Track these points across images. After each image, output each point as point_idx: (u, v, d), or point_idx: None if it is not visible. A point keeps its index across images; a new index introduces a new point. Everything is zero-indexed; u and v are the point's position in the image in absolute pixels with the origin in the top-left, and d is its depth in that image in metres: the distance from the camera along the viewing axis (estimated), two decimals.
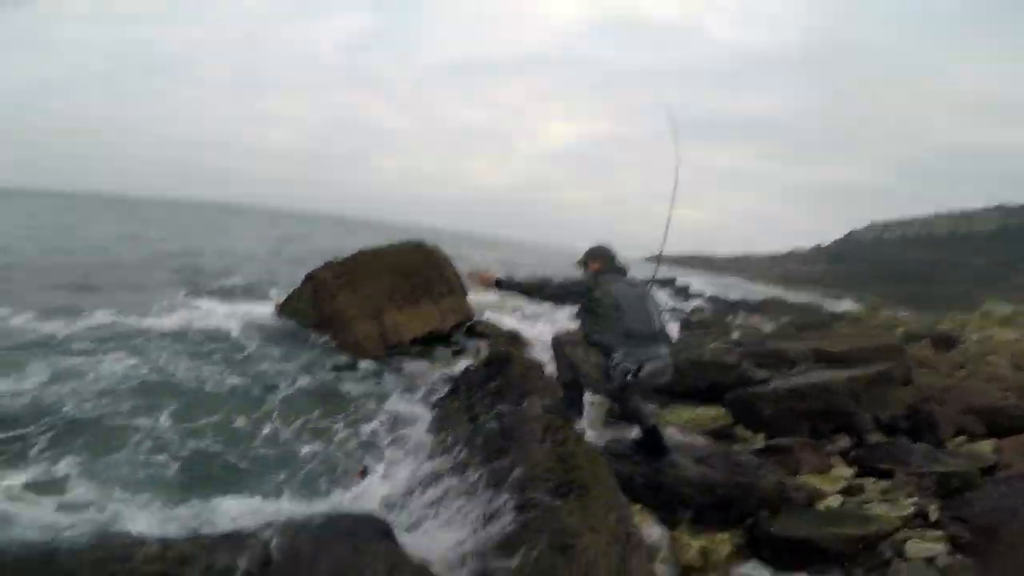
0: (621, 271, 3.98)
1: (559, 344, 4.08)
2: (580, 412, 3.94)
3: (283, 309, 7.90)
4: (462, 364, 7.12)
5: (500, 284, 3.95)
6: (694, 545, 3.29)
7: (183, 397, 5.15)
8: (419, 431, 4.91)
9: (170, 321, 7.26)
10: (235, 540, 2.21)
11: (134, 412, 4.70)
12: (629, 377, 3.68)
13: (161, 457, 4.14)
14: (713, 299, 26.44)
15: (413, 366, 6.79)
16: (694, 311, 18.98)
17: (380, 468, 4.25)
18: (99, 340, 6.21)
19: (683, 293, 28.10)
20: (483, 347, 7.81)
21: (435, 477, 3.77)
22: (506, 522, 2.80)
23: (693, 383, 6.39)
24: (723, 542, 3.35)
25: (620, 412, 5.61)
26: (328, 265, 7.36)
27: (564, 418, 3.57)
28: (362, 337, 6.57)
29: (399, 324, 6.80)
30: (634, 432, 4.56)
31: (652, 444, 3.88)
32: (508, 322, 9.90)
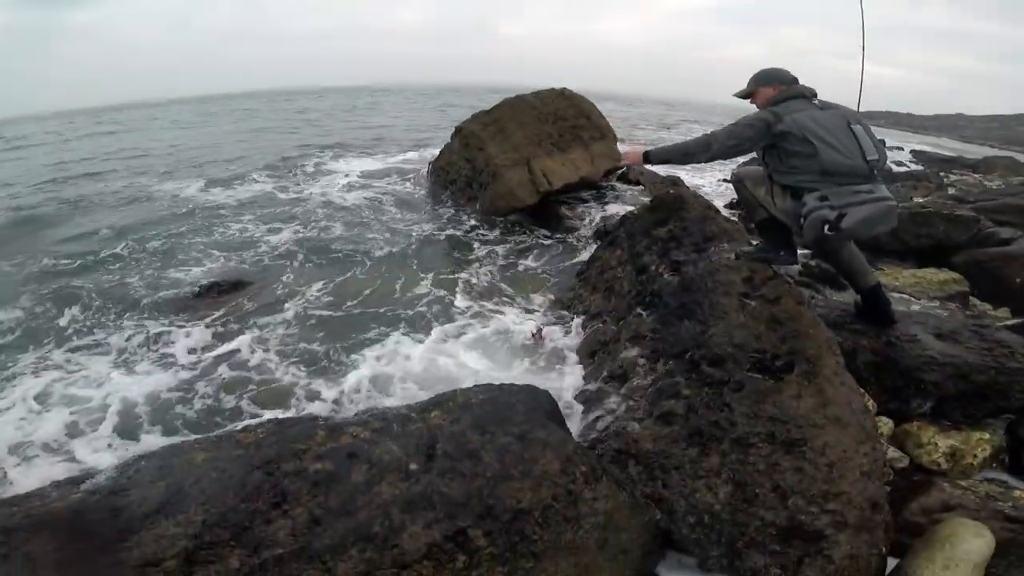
0: (807, 96, 2.80)
1: (740, 180, 3.14)
2: (794, 259, 3.05)
3: (435, 165, 7.86)
4: (619, 211, 6.57)
5: (648, 158, 2.97)
6: (941, 444, 2.58)
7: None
8: (577, 287, 4.54)
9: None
10: (398, 429, 1.97)
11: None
12: (827, 229, 2.69)
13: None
14: (917, 153, 21.85)
15: (567, 213, 6.38)
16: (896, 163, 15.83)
17: (546, 329, 3.90)
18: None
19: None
20: (640, 194, 7.12)
21: (601, 344, 3.33)
22: (695, 404, 2.26)
23: (912, 240, 5.17)
24: (982, 443, 2.58)
25: (819, 271, 4.72)
26: (475, 116, 7.06)
27: (772, 265, 2.84)
28: (515, 185, 6.23)
29: (550, 171, 6.29)
30: (841, 299, 3.69)
31: (875, 310, 3.01)
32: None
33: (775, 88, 2.84)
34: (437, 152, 8.06)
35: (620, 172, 7.93)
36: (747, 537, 1.78)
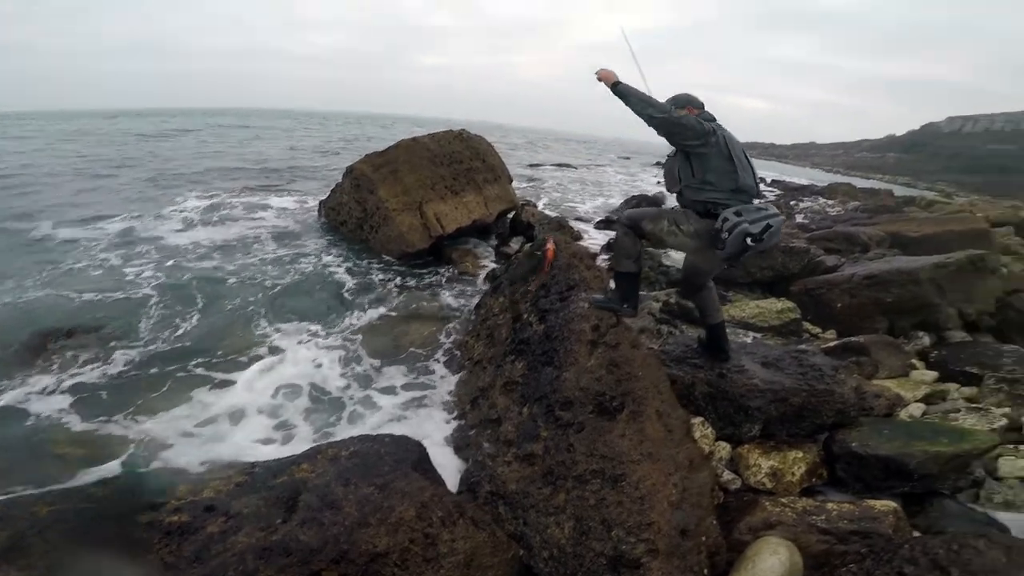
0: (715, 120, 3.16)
1: (631, 222, 3.28)
2: (635, 308, 3.34)
3: (326, 205, 7.77)
4: (508, 253, 6.90)
5: (618, 85, 3.06)
6: (763, 465, 2.91)
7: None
8: (462, 332, 4.74)
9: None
10: (262, 482, 2.06)
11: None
12: (750, 241, 2.98)
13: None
14: (776, 182, 24.88)
15: (458, 258, 6.56)
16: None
17: (433, 369, 4.07)
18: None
19: None
20: (536, 234, 7.50)
21: (480, 391, 3.51)
22: (549, 446, 2.51)
23: (757, 272, 5.95)
24: (797, 461, 2.92)
25: (677, 308, 5.29)
26: (367, 157, 7.00)
27: (616, 315, 3.15)
28: (406, 229, 6.32)
29: (443, 215, 6.47)
30: (694, 331, 4.18)
31: (716, 345, 3.44)
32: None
33: (691, 111, 3.09)
34: (329, 190, 7.99)
35: (513, 214, 8.25)
36: (585, 568, 2.01)
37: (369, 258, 6.48)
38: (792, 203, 15.62)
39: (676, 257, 7.34)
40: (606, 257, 6.72)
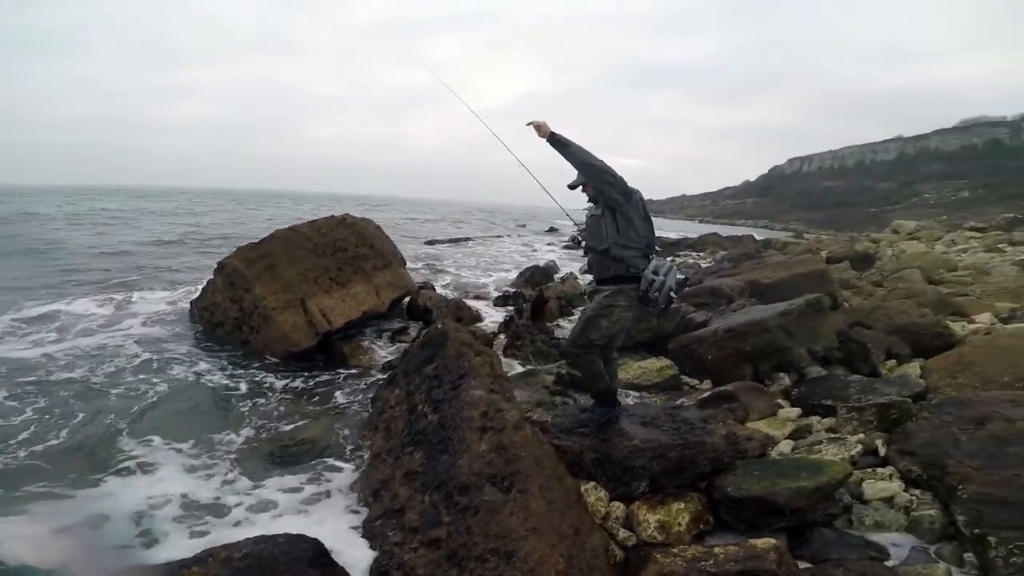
0: None
1: (580, 350, 3.52)
2: (618, 404, 3.74)
3: (198, 305, 7.25)
4: (406, 342, 6.83)
5: (555, 136, 3.29)
6: (651, 519, 3.09)
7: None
8: (358, 428, 4.63)
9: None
10: None
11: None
12: (673, 294, 3.33)
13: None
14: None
15: (350, 353, 6.38)
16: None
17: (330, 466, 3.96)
18: None
19: None
20: (433, 318, 7.49)
21: (381, 483, 3.47)
22: (451, 531, 2.62)
23: (638, 335, 6.35)
24: (680, 512, 3.13)
25: (569, 378, 5.50)
26: (240, 251, 6.67)
27: (501, 404, 3.29)
28: (289, 329, 6.06)
29: (329, 309, 6.30)
30: (584, 401, 4.40)
31: (614, 401, 3.70)
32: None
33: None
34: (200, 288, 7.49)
35: (409, 300, 8.23)
36: None
37: (250, 360, 6.12)
38: (668, 258, 17.06)
39: (567, 327, 7.69)
40: (504, 337, 6.88)
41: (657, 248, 3.58)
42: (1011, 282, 10.48)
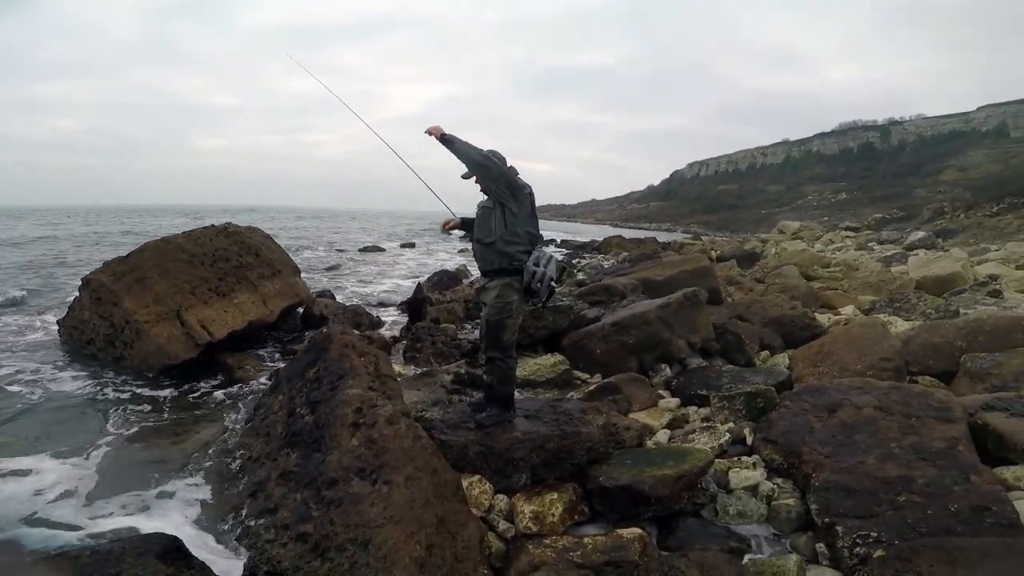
0: None
1: (500, 353, 3.60)
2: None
3: (65, 324, 6.59)
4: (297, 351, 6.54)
5: (445, 136, 3.42)
6: (526, 510, 3.14)
7: None
8: (245, 435, 4.42)
9: None
10: None
11: None
12: (553, 284, 3.43)
13: None
14: (564, 243, 27.99)
15: (235, 364, 6.02)
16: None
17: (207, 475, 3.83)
18: None
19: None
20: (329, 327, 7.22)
21: (257, 485, 3.41)
22: (318, 524, 2.65)
23: (535, 332, 6.45)
24: (553, 502, 3.18)
25: (467, 376, 5.50)
26: (107, 266, 6.20)
27: (378, 400, 3.28)
28: (164, 342, 5.63)
29: (210, 320, 5.92)
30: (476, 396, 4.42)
31: (501, 415, 3.69)
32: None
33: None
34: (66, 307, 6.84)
35: (304, 310, 7.90)
36: None
37: (124, 376, 5.70)
38: (575, 261, 17.65)
39: (471, 329, 7.72)
40: (405, 342, 6.78)
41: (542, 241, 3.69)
42: (874, 277, 11.64)
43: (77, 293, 6.53)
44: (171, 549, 2.46)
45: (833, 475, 3.15)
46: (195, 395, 5.44)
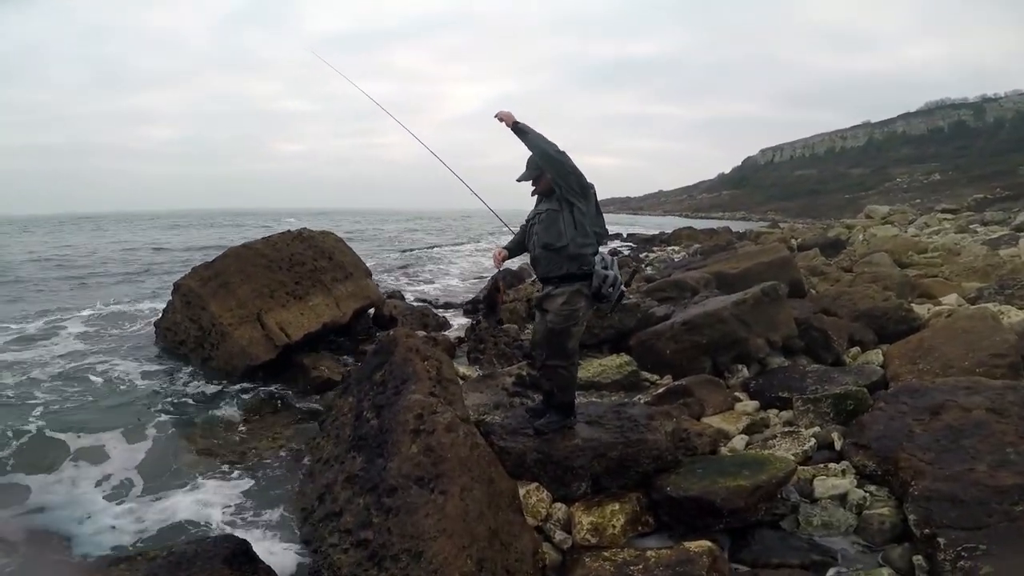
0: None
1: (562, 360, 3.48)
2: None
3: (160, 326, 7.18)
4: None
5: (517, 124, 3.32)
6: (584, 521, 3.04)
7: None
8: (317, 436, 4.61)
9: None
10: None
11: None
12: (623, 287, 3.38)
13: None
14: (631, 236, 27.36)
15: (311, 364, 6.29)
16: (612, 252, 19.59)
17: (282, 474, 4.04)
18: None
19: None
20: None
21: (326, 487, 3.50)
22: (378, 531, 2.67)
23: (600, 332, 6.29)
24: (615, 513, 3.05)
25: (529, 379, 5.44)
26: (194, 271, 6.64)
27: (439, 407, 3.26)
28: (247, 343, 5.97)
29: (287, 323, 6.20)
30: (533, 401, 4.35)
31: (561, 421, 3.57)
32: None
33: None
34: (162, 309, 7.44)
35: (375, 311, 8.13)
36: None
37: (212, 376, 6.10)
38: (642, 255, 17.14)
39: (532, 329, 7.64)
40: (469, 344, 6.82)
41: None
42: (980, 262, 10.53)
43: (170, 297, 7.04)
44: (239, 553, 2.52)
45: (936, 483, 2.91)
46: (273, 396, 5.72)
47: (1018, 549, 2.41)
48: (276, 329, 6.10)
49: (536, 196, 3.55)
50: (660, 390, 4.94)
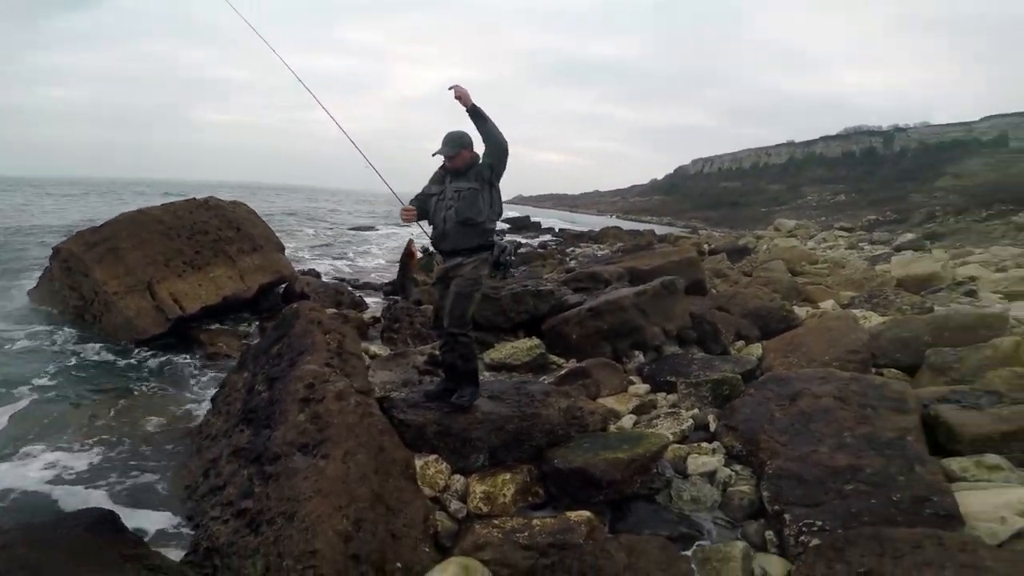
0: None
1: (460, 329, 3.55)
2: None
3: (35, 294, 6.53)
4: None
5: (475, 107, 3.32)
6: (478, 490, 3.11)
7: None
8: (208, 413, 4.40)
9: None
10: None
11: None
12: (513, 258, 3.61)
13: None
14: (562, 232, 28.12)
15: (208, 340, 5.97)
16: (542, 245, 19.96)
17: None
18: None
19: (535, 228, 30.56)
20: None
21: (211, 463, 3.44)
22: (258, 500, 2.64)
23: (515, 316, 6.42)
24: (505, 483, 3.14)
25: (440, 359, 5.48)
26: (79, 235, 6.11)
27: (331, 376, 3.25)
28: (133, 315, 5.57)
29: (182, 294, 5.85)
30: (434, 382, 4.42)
31: (475, 392, 3.66)
32: None
33: (471, 152, 3.48)
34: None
35: (285, 287, 7.82)
36: None
37: (92, 349, 5.60)
38: (568, 250, 17.62)
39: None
40: (384, 323, 6.73)
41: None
42: (858, 275, 11.74)
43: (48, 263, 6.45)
44: (103, 521, 2.43)
45: (787, 463, 3.13)
46: (165, 370, 5.38)
47: (846, 524, 2.63)
48: (169, 300, 5.74)
49: (446, 172, 3.61)
50: (562, 372, 5.13)
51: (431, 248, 3.74)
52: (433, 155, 3.55)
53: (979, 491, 2.88)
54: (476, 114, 3.33)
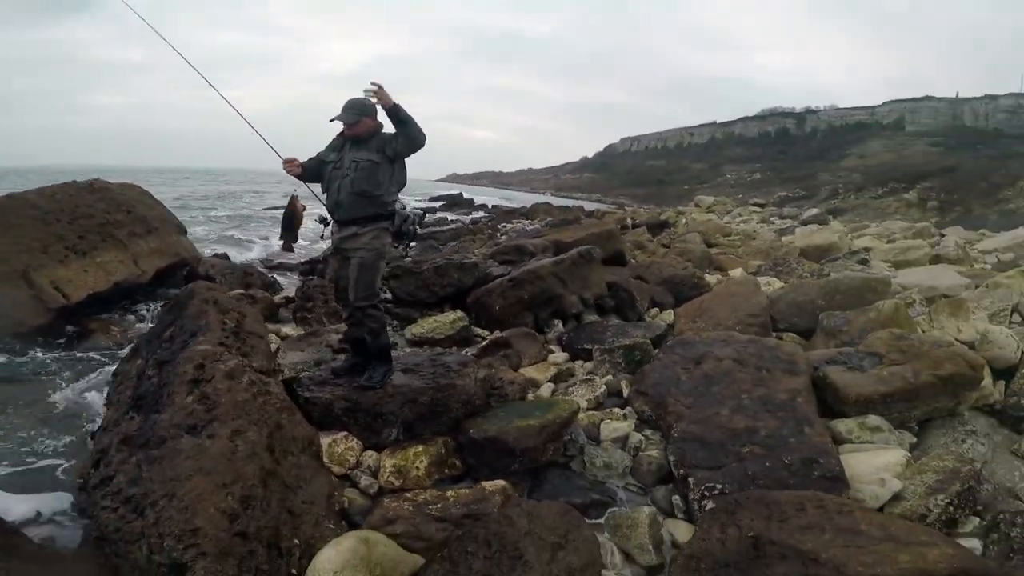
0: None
1: (367, 301, 3.44)
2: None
3: None
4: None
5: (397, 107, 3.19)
6: (388, 465, 3.05)
7: None
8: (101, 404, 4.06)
9: None
10: None
11: None
12: (417, 227, 3.64)
13: None
14: (495, 208, 28.15)
15: (98, 329, 5.49)
16: (473, 221, 19.89)
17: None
18: None
19: (468, 205, 30.47)
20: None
21: (101, 453, 3.13)
22: (145, 483, 2.51)
23: (440, 290, 6.31)
24: (417, 455, 3.09)
25: (349, 337, 5.31)
26: None
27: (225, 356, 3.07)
28: (10, 306, 5.02)
29: (64, 281, 5.30)
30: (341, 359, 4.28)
31: (389, 369, 3.56)
32: None
33: (374, 120, 3.33)
34: None
35: (188, 270, 7.29)
36: None
37: None
38: (500, 225, 17.59)
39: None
40: (296, 301, 6.44)
41: None
42: (767, 245, 12.53)
43: None
44: None
45: (691, 426, 3.19)
46: (52, 363, 4.90)
47: (743, 487, 2.70)
48: (49, 289, 5.20)
49: (345, 140, 3.45)
50: (484, 343, 5.12)
51: (328, 217, 3.59)
52: (331, 120, 3.37)
53: (862, 453, 3.00)
54: (396, 114, 3.20)
